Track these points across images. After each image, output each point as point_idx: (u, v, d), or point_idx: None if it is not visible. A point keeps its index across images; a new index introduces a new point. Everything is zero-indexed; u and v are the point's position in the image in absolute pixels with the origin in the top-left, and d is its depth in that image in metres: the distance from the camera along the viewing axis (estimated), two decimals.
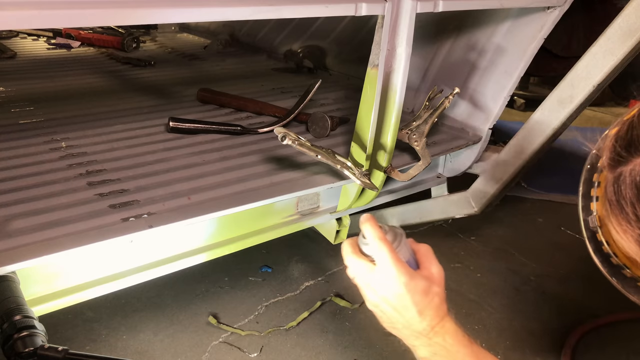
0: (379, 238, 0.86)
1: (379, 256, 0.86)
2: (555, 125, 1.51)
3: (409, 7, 1.22)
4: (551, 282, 1.88)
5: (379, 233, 0.87)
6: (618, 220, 0.61)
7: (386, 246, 0.86)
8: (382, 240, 0.86)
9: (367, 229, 0.87)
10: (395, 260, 0.85)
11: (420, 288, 0.86)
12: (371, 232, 0.87)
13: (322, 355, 1.54)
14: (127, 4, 0.93)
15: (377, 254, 0.86)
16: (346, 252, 0.91)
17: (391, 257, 0.85)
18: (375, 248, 0.86)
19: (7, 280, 0.99)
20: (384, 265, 0.85)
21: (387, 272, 0.85)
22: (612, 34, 1.36)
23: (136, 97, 1.95)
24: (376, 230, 0.87)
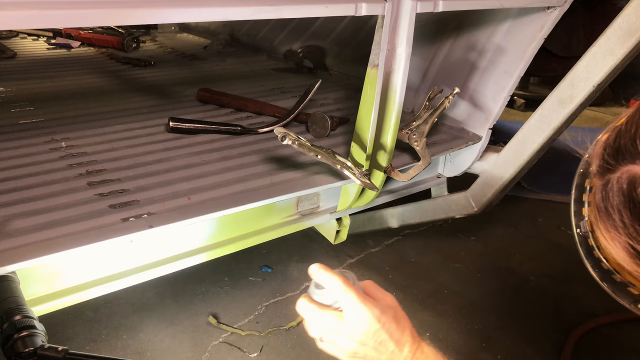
0: (342, 282, 0.84)
1: (346, 299, 0.84)
2: (555, 125, 1.51)
3: (409, 7, 1.22)
4: (551, 282, 1.88)
5: (339, 277, 0.85)
6: (606, 227, 0.61)
7: (351, 287, 0.84)
8: (347, 283, 0.84)
9: (324, 275, 0.86)
10: (362, 298, 0.84)
11: (391, 317, 0.86)
12: (330, 277, 0.85)
13: (322, 355, 1.54)
14: (127, 4, 0.93)
15: (343, 297, 0.84)
16: (308, 309, 0.87)
17: (358, 296, 0.84)
18: (342, 292, 0.84)
19: (7, 280, 0.99)
20: (354, 306, 0.84)
21: (358, 311, 0.84)
22: (612, 34, 1.36)
23: (136, 97, 1.95)
24: (335, 274, 0.85)
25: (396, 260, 1.98)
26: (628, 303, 0.68)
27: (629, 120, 0.60)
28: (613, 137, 0.62)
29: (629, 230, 0.57)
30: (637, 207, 0.56)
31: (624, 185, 0.57)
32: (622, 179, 0.58)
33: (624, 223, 0.58)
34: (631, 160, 0.57)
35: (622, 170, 0.58)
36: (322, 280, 0.86)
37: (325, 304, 0.87)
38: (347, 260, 1.96)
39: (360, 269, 1.92)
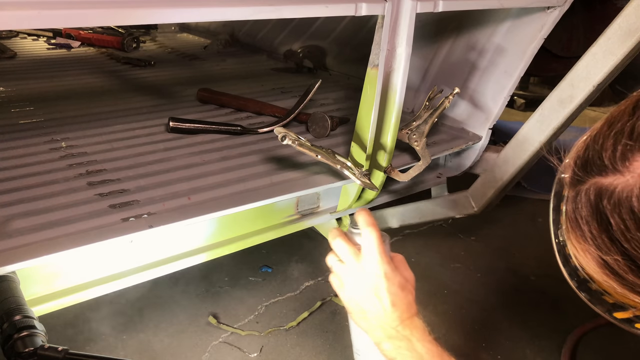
0: (372, 224, 0.91)
1: (368, 241, 0.90)
2: (555, 125, 1.51)
3: (409, 7, 1.22)
4: (551, 282, 1.88)
5: (372, 221, 0.91)
6: (577, 238, 0.62)
7: (377, 233, 0.91)
8: (374, 227, 0.91)
9: (362, 216, 0.92)
10: (382, 249, 0.90)
11: (397, 281, 0.90)
12: (365, 219, 0.92)
13: (322, 355, 1.54)
14: (127, 4, 0.93)
15: (366, 239, 0.91)
16: (334, 235, 0.94)
17: (379, 245, 0.90)
18: (367, 234, 0.91)
19: (7, 280, 0.99)
20: (371, 251, 0.90)
21: (372, 257, 0.90)
22: (612, 34, 1.36)
23: (136, 97, 1.95)
24: (370, 218, 0.92)
25: None
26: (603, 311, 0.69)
27: (596, 133, 0.60)
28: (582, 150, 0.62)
29: (597, 242, 0.58)
30: (604, 219, 0.56)
31: (592, 197, 0.58)
32: (590, 191, 0.58)
33: (592, 234, 0.58)
34: (598, 173, 0.57)
35: (590, 183, 0.58)
36: (359, 220, 0.92)
37: (355, 242, 0.94)
38: None
39: None
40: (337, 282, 0.95)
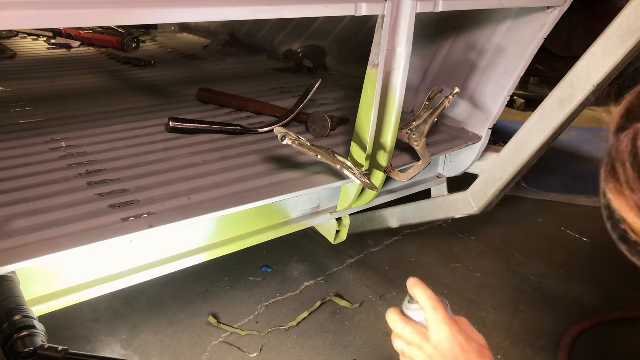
0: (433, 300, 0.88)
1: (434, 317, 0.87)
2: (555, 125, 1.51)
3: (409, 7, 1.22)
4: (551, 282, 1.88)
5: (433, 295, 0.88)
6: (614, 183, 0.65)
7: (441, 308, 0.87)
8: (437, 302, 0.88)
9: (419, 292, 0.89)
10: (450, 322, 0.87)
11: (475, 350, 0.88)
12: (423, 295, 0.89)
13: (322, 355, 1.54)
14: (127, 4, 0.93)
15: (431, 315, 0.87)
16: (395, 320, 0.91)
17: (446, 319, 0.87)
18: (430, 310, 0.87)
19: (7, 280, 0.98)
20: (440, 327, 0.87)
21: (443, 332, 0.87)
22: (612, 34, 1.36)
23: (136, 97, 1.95)
24: (429, 293, 0.88)
25: (396, 260, 1.98)
26: None
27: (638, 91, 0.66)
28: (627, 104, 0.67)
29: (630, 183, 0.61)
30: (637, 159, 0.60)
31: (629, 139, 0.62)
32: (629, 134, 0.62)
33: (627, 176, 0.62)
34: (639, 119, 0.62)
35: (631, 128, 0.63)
36: (416, 294, 0.89)
37: (414, 319, 0.90)
38: (347, 260, 1.97)
39: (360, 269, 1.92)
40: None
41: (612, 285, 1.85)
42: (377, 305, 1.74)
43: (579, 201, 2.44)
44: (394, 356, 1.58)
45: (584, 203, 2.43)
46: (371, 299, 1.77)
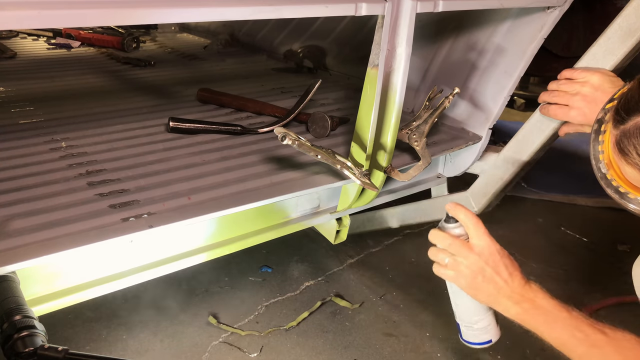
0: (474, 217, 1.07)
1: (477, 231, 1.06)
2: (555, 125, 1.51)
3: (409, 7, 1.22)
4: (551, 282, 1.87)
5: (473, 214, 1.08)
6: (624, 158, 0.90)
7: (481, 223, 1.07)
8: (478, 219, 1.07)
9: (461, 211, 1.08)
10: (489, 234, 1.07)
11: (507, 255, 1.06)
12: (465, 213, 1.08)
13: (322, 355, 1.54)
14: (127, 4, 0.93)
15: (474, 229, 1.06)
16: (439, 236, 1.10)
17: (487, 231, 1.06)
18: (473, 225, 1.07)
19: (7, 280, 0.98)
20: (482, 236, 1.06)
21: (485, 242, 1.05)
22: (612, 34, 1.36)
23: (136, 97, 1.95)
24: (470, 212, 1.08)
25: (396, 260, 1.98)
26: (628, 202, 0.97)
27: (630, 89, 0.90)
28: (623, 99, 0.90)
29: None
30: None
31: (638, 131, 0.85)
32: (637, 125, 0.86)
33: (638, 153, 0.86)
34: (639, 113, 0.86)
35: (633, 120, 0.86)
36: (458, 214, 1.09)
37: (455, 234, 1.09)
38: (347, 260, 1.96)
39: (360, 269, 1.92)
40: (452, 272, 1.09)
41: (612, 285, 1.84)
42: (377, 305, 1.74)
43: (579, 201, 2.44)
44: (394, 356, 1.58)
45: (584, 203, 2.43)
46: (371, 299, 1.77)
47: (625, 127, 0.88)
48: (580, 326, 0.98)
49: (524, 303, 1.03)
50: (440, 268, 1.11)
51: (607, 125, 1.01)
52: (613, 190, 0.99)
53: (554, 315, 1.00)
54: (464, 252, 1.06)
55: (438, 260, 1.11)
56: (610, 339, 0.95)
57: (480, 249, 1.05)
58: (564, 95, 1.37)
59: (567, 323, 0.99)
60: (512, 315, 1.05)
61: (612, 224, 2.28)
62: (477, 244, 1.06)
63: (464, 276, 1.07)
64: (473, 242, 1.06)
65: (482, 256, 1.04)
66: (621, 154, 0.90)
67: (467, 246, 1.06)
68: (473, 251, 1.05)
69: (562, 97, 1.37)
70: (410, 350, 1.58)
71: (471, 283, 1.06)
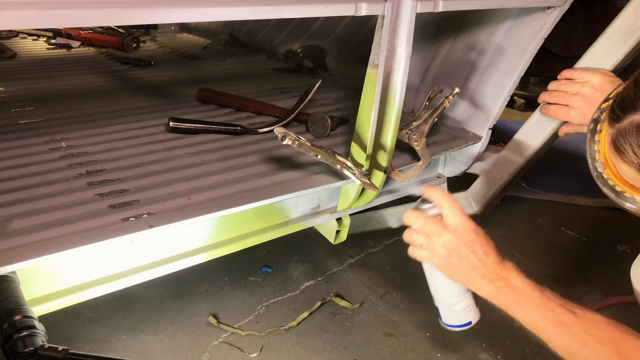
0: (449, 196, 1.07)
1: (452, 209, 1.05)
2: (555, 125, 1.51)
3: (409, 7, 1.22)
4: (551, 282, 1.87)
5: (447, 192, 1.08)
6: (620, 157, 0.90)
7: (456, 202, 1.06)
8: (452, 199, 1.06)
9: (435, 192, 1.08)
10: (463, 212, 1.06)
11: (482, 234, 1.06)
12: (441, 193, 1.07)
13: (322, 355, 1.54)
14: (127, 4, 0.93)
15: (449, 208, 1.05)
16: (415, 216, 1.09)
17: (460, 209, 1.06)
18: (447, 204, 1.06)
19: (7, 280, 0.98)
20: (456, 214, 1.05)
21: (460, 220, 1.05)
22: (612, 34, 1.36)
23: (136, 97, 1.95)
24: (444, 192, 1.08)
25: (396, 260, 1.98)
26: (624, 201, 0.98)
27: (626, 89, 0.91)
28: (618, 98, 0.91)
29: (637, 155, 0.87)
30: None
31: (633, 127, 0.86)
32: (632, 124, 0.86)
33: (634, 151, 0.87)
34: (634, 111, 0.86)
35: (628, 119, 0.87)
36: (432, 195, 1.08)
37: (430, 214, 1.08)
38: (347, 260, 1.97)
39: (360, 269, 1.92)
40: (426, 252, 1.07)
41: (612, 285, 1.85)
42: (377, 305, 1.74)
43: (579, 201, 2.44)
44: (394, 356, 1.58)
45: (584, 203, 2.43)
46: (371, 299, 1.77)
47: (620, 126, 0.89)
48: (551, 305, 0.98)
49: (497, 281, 1.03)
50: (415, 249, 1.09)
51: (603, 125, 1.02)
52: (609, 189, 1.00)
53: (526, 295, 1.00)
54: (439, 230, 1.05)
55: (413, 241, 1.09)
56: (580, 319, 0.95)
57: (454, 227, 1.04)
58: (564, 96, 1.37)
59: (538, 302, 0.99)
60: (485, 294, 1.04)
61: (612, 224, 2.29)
62: (452, 222, 1.05)
63: (439, 255, 1.05)
64: (448, 221, 1.05)
65: (457, 234, 1.04)
66: (617, 152, 0.90)
67: (442, 225, 1.05)
68: (448, 229, 1.04)
69: (562, 97, 1.37)
70: (410, 350, 1.58)
71: (446, 262, 1.05)
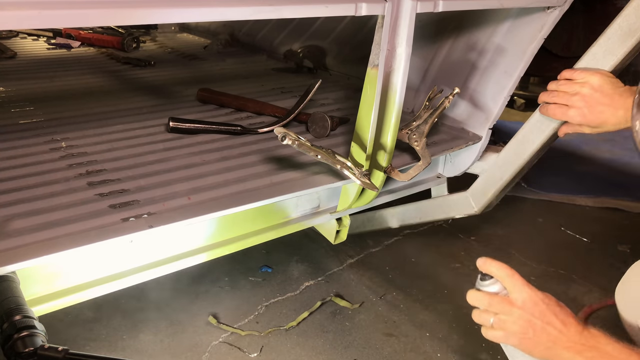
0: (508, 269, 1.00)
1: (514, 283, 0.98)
2: (555, 126, 1.51)
3: (409, 7, 1.22)
4: (551, 282, 1.88)
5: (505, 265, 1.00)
6: None
7: (517, 274, 0.99)
8: (512, 270, 0.99)
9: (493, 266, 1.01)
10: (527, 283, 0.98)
11: (554, 302, 0.98)
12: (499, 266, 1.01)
13: (322, 355, 1.54)
14: (127, 4, 0.93)
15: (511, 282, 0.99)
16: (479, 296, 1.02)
17: (523, 281, 0.99)
18: (508, 278, 0.99)
19: (7, 280, 0.99)
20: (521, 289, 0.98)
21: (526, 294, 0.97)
22: (612, 34, 1.36)
23: (136, 97, 1.95)
24: (501, 264, 1.01)
25: (396, 260, 1.98)
26: None
27: None
28: None
29: None
30: None
31: None
32: None
33: None
34: None
35: None
36: (491, 268, 1.01)
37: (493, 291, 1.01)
38: (347, 260, 1.96)
39: (360, 269, 1.92)
40: (500, 333, 0.99)
41: (612, 285, 1.84)
42: (377, 305, 1.74)
43: (579, 201, 2.44)
44: (394, 356, 1.58)
45: (584, 203, 2.43)
46: (371, 299, 1.77)
47: None
48: None
49: (586, 352, 0.93)
50: (488, 330, 1.01)
51: None
52: None
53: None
54: (506, 308, 0.98)
55: (482, 322, 1.01)
56: None
57: (522, 301, 0.97)
58: (564, 96, 1.36)
59: None
60: None
61: (612, 224, 2.29)
62: (518, 297, 0.97)
63: (514, 334, 0.97)
64: (513, 296, 0.98)
65: (526, 309, 0.96)
66: None
67: (508, 301, 0.98)
68: (515, 305, 0.97)
69: (561, 97, 1.37)
70: (410, 350, 1.58)
71: (523, 339, 0.97)
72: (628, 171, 2.74)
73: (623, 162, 2.82)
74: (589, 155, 2.89)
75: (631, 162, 2.82)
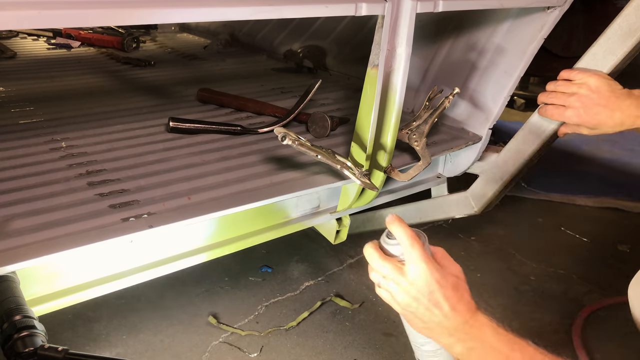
0: (410, 237, 0.90)
1: (411, 254, 0.89)
2: (555, 126, 1.51)
3: (409, 7, 1.22)
4: (551, 282, 1.88)
5: (411, 232, 0.90)
6: None
7: (418, 244, 0.89)
8: (414, 239, 0.90)
9: (397, 228, 0.91)
10: (426, 258, 0.89)
11: (451, 284, 0.90)
12: (401, 231, 0.91)
13: (322, 355, 1.54)
14: (127, 4, 0.93)
15: (409, 252, 0.89)
16: (372, 255, 0.93)
17: (422, 255, 0.89)
18: (407, 247, 0.90)
19: (7, 280, 0.99)
20: (415, 263, 0.89)
21: (419, 269, 0.88)
22: (612, 34, 1.36)
23: (136, 97, 1.95)
24: (407, 229, 0.91)
25: None
26: None
27: None
28: None
29: None
30: None
31: None
32: None
33: None
34: None
35: None
36: (394, 230, 0.91)
37: (391, 253, 0.92)
38: (347, 260, 1.97)
39: (360, 269, 1.92)
40: (387, 295, 0.93)
41: (612, 285, 1.84)
42: (377, 305, 1.74)
43: (579, 201, 2.44)
44: (394, 356, 1.58)
45: (583, 203, 2.43)
46: (371, 299, 1.77)
47: None
48: None
49: (469, 342, 0.89)
50: (377, 289, 0.95)
51: None
52: None
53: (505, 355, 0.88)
54: (397, 277, 0.90)
55: (372, 280, 0.95)
56: None
57: (413, 276, 0.88)
58: (561, 96, 1.37)
59: None
60: (456, 354, 0.92)
61: (612, 224, 2.29)
62: (411, 270, 0.89)
63: (398, 303, 0.92)
64: (406, 268, 0.89)
65: (415, 284, 0.88)
66: None
67: (400, 271, 0.90)
68: (406, 278, 0.89)
69: (559, 97, 1.37)
70: (410, 350, 1.57)
71: (406, 312, 0.92)
72: (628, 171, 2.74)
73: (623, 162, 2.82)
74: (589, 155, 2.90)
75: (631, 162, 2.82)
